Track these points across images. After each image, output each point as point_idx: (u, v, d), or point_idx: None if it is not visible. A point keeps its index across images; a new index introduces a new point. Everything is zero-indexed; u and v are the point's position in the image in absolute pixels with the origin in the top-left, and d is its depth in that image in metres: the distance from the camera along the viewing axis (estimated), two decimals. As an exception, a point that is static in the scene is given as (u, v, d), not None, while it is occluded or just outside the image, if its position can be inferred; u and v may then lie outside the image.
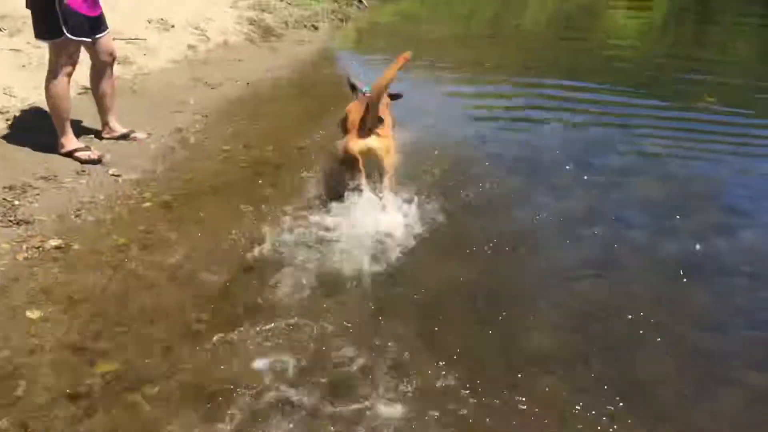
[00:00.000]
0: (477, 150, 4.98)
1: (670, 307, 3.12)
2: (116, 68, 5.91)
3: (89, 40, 4.27)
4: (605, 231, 3.80)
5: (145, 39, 6.91)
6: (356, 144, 3.71)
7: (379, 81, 3.66)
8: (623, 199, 4.24)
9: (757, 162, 4.97)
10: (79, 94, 5.20)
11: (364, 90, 3.98)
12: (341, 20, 10.51)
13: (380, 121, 3.77)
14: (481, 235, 3.70)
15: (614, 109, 6.33)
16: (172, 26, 7.52)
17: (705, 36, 11.17)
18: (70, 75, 4.25)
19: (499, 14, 13.66)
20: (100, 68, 4.57)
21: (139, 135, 4.87)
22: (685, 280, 3.33)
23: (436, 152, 4.75)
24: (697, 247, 3.59)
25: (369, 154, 3.75)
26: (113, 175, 4.28)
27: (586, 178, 4.49)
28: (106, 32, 4.45)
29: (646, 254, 3.58)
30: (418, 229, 3.70)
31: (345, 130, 3.83)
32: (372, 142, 3.73)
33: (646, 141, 5.34)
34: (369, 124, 3.69)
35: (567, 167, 4.68)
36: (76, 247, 3.46)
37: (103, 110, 4.74)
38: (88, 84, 4.84)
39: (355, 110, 3.80)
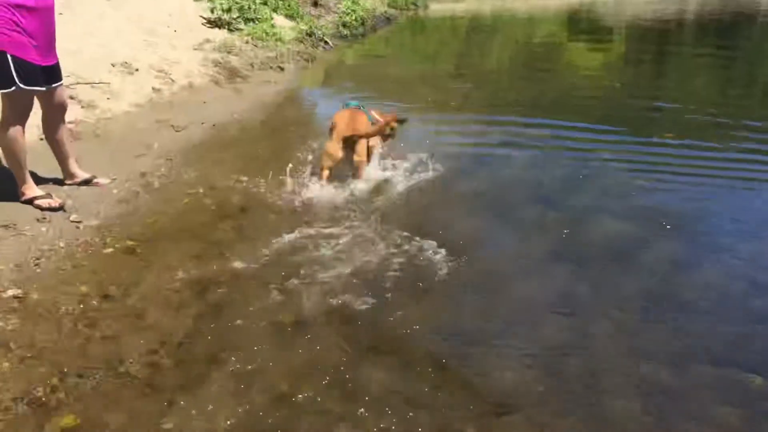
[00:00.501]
0: (441, 188, 5.02)
1: (633, 343, 3.15)
2: (80, 112, 5.89)
3: (43, 89, 4.22)
4: (570, 268, 3.84)
5: (108, 83, 6.89)
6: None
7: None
8: (587, 236, 4.28)
9: (717, 194, 5.07)
10: (41, 139, 5.13)
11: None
12: (307, 61, 10.63)
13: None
14: (447, 274, 3.71)
15: (577, 144, 6.43)
16: (137, 69, 7.52)
17: (663, 69, 11.52)
18: (24, 124, 4.20)
19: (464, 53, 13.96)
20: (53, 118, 4.51)
21: (102, 180, 4.82)
22: (647, 316, 3.38)
23: (401, 190, 4.82)
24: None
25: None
26: (74, 221, 4.21)
27: (550, 214, 4.55)
28: (60, 83, 4.42)
29: (609, 291, 3.61)
30: (385, 269, 3.71)
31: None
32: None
33: (609, 176, 5.44)
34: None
35: (532, 204, 4.75)
36: (35, 296, 3.39)
37: (62, 158, 4.68)
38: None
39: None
